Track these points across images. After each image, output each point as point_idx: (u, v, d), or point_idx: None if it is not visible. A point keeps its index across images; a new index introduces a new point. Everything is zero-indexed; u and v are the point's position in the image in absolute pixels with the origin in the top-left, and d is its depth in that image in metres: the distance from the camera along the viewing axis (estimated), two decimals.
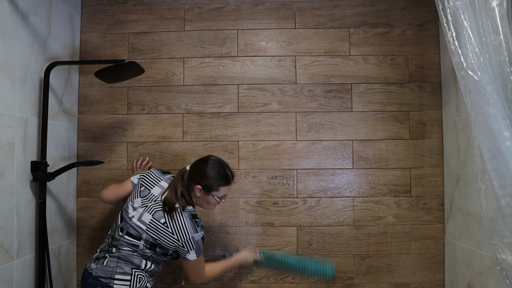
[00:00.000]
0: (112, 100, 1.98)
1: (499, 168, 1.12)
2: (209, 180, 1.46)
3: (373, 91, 1.94)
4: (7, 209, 1.39)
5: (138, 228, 1.43)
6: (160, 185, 1.52)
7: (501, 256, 1.19)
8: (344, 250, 1.91)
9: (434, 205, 1.90)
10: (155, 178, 1.55)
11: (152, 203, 1.46)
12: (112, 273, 1.40)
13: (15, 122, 1.44)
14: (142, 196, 1.49)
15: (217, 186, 1.48)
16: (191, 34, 1.99)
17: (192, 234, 1.42)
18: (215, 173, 1.47)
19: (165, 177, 1.56)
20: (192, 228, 1.43)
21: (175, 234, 1.41)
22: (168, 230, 1.41)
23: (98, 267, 1.42)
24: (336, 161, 1.93)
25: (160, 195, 1.49)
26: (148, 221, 1.43)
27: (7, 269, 1.38)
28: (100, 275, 1.40)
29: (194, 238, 1.42)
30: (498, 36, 1.17)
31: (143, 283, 1.44)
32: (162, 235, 1.42)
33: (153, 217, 1.43)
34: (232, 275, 1.90)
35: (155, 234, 1.42)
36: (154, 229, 1.42)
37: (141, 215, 1.44)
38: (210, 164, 1.49)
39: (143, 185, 1.53)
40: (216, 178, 1.47)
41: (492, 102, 1.12)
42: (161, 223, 1.42)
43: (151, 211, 1.44)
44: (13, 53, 1.44)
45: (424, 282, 1.89)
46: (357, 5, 1.97)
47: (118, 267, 1.41)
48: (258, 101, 1.96)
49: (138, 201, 1.48)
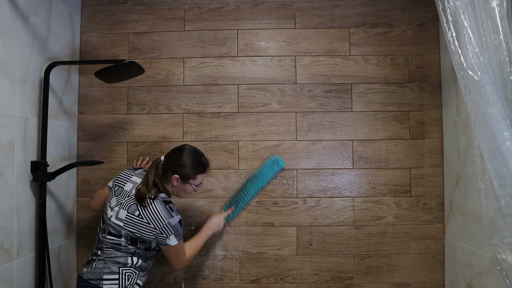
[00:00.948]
0: (112, 100, 1.98)
1: (499, 168, 1.12)
2: (186, 169, 1.48)
3: (373, 91, 1.94)
4: (7, 209, 1.39)
5: (116, 226, 1.45)
6: (132, 180, 1.54)
7: (501, 256, 1.19)
8: (344, 250, 1.91)
9: (434, 205, 1.90)
10: (127, 175, 1.57)
11: (126, 199, 1.48)
12: (100, 274, 1.42)
13: (15, 122, 1.44)
14: (117, 195, 1.52)
15: (194, 174, 1.50)
16: (191, 34, 1.98)
17: (168, 220, 1.43)
18: (191, 161, 1.49)
19: (136, 172, 1.58)
20: (167, 214, 1.43)
21: (151, 223, 1.42)
22: (143, 221, 1.42)
23: (88, 270, 1.45)
24: (336, 161, 1.93)
25: (132, 189, 1.50)
26: (124, 217, 1.45)
27: (7, 269, 1.38)
28: (90, 277, 1.43)
29: (170, 223, 1.43)
30: (498, 36, 1.17)
31: (132, 280, 1.45)
32: (139, 227, 1.43)
33: (128, 211, 1.45)
34: (232, 275, 1.90)
35: (133, 227, 1.43)
36: (130, 223, 1.44)
37: (118, 213, 1.46)
38: (186, 153, 1.50)
39: (117, 185, 1.55)
40: (192, 166, 1.49)
41: (492, 102, 1.12)
42: (136, 216, 1.43)
43: (126, 206, 1.46)
44: (13, 53, 1.44)
45: (424, 282, 1.89)
46: (357, 5, 1.97)
47: (105, 267, 1.43)
48: (258, 101, 1.96)
49: (114, 201, 1.51)
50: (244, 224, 1.92)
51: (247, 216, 1.92)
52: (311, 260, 1.91)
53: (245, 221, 1.92)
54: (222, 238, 1.92)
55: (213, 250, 1.92)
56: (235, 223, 1.91)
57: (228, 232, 1.92)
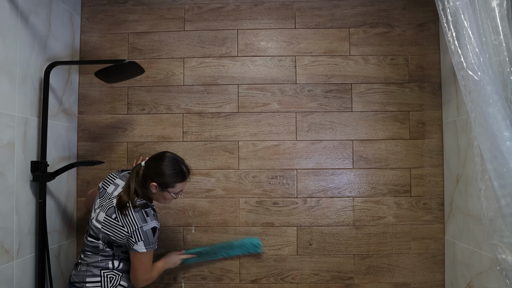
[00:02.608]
0: (112, 100, 1.98)
1: (499, 168, 1.12)
2: (165, 178, 1.45)
3: (373, 91, 1.94)
4: (7, 209, 1.39)
5: (95, 229, 1.46)
6: (114, 183, 1.54)
7: (501, 256, 1.19)
8: (344, 250, 1.91)
9: (434, 205, 1.90)
10: (111, 177, 1.57)
11: (107, 201, 1.48)
12: (83, 277, 1.44)
13: (15, 122, 1.44)
14: (100, 196, 1.52)
15: (173, 183, 1.47)
16: (191, 34, 1.98)
17: (140, 224, 1.40)
18: (170, 170, 1.45)
19: (120, 175, 1.57)
20: (140, 218, 1.41)
21: (125, 226, 1.41)
22: (118, 224, 1.41)
23: (75, 273, 1.48)
24: (336, 161, 1.93)
25: (113, 192, 1.50)
26: (102, 219, 1.45)
27: (7, 269, 1.38)
28: (75, 280, 1.45)
29: (142, 228, 1.40)
30: (498, 36, 1.17)
31: (115, 282, 1.46)
32: (114, 230, 1.42)
33: (106, 214, 1.44)
34: (232, 275, 1.90)
35: (109, 230, 1.43)
36: (107, 225, 1.43)
37: (98, 215, 1.47)
38: (165, 161, 1.47)
39: (103, 186, 1.55)
40: (171, 175, 1.45)
41: (492, 102, 1.12)
42: (113, 219, 1.43)
43: (105, 209, 1.46)
44: (13, 53, 1.44)
45: (424, 282, 1.89)
46: (357, 5, 1.97)
47: (88, 271, 1.45)
48: (258, 101, 1.96)
49: (97, 203, 1.51)
50: (244, 224, 1.92)
51: (247, 216, 1.92)
52: (311, 260, 1.91)
53: (245, 221, 1.92)
54: (222, 238, 1.91)
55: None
56: (235, 223, 1.91)
57: (228, 232, 1.92)
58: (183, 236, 1.92)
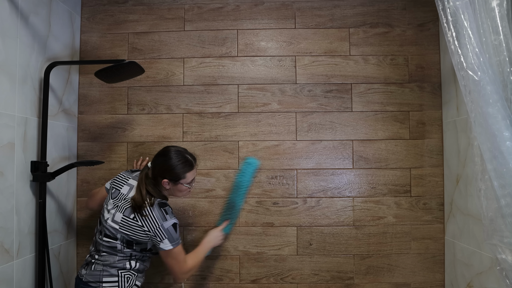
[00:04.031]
0: (112, 100, 1.98)
1: (499, 168, 1.12)
2: (174, 171, 1.47)
3: (373, 91, 1.94)
4: (7, 209, 1.39)
5: (112, 229, 1.46)
6: (128, 183, 1.55)
7: (501, 256, 1.19)
8: (344, 250, 1.91)
9: (434, 205, 1.90)
10: (124, 178, 1.58)
11: (123, 202, 1.49)
12: (100, 276, 1.43)
13: (15, 122, 1.44)
14: (114, 197, 1.52)
15: (183, 174, 1.48)
16: (191, 34, 1.98)
17: (160, 222, 1.43)
18: (177, 162, 1.47)
19: (133, 175, 1.59)
20: (160, 217, 1.44)
21: (145, 226, 1.43)
22: (138, 223, 1.43)
23: (88, 272, 1.46)
24: (336, 161, 1.93)
25: (128, 192, 1.51)
26: (120, 220, 1.46)
27: (7, 269, 1.38)
28: (90, 280, 1.44)
29: (163, 226, 1.43)
30: (498, 36, 1.17)
31: (132, 282, 1.46)
32: (133, 230, 1.44)
33: (124, 214, 1.46)
34: (232, 275, 1.90)
35: (128, 230, 1.44)
36: (126, 226, 1.44)
37: (114, 216, 1.47)
38: (169, 156, 1.49)
39: (114, 187, 1.56)
40: (179, 167, 1.47)
41: (492, 102, 1.12)
42: (131, 219, 1.44)
43: (122, 209, 1.47)
44: (13, 53, 1.44)
45: (424, 282, 1.89)
46: (357, 5, 1.97)
47: (104, 270, 1.44)
48: (258, 101, 1.96)
49: (110, 203, 1.52)
50: (244, 224, 1.92)
51: (247, 216, 1.92)
52: (311, 260, 1.91)
53: (245, 221, 1.92)
54: None
55: (213, 250, 1.92)
56: (235, 223, 1.91)
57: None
58: (183, 236, 1.92)
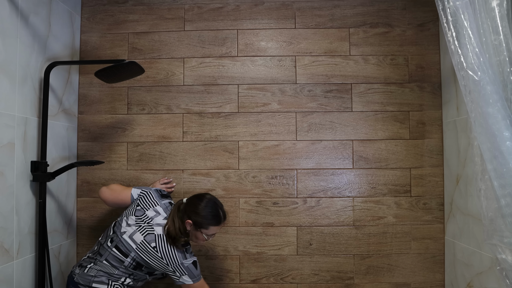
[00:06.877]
0: (112, 100, 1.98)
1: (499, 168, 1.12)
2: (200, 218, 1.48)
3: (373, 91, 1.94)
4: (7, 209, 1.39)
5: (127, 245, 1.46)
6: (155, 209, 1.54)
7: (501, 256, 1.19)
8: (344, 250, 1.91)
9: (434, 205, 1.90)
10: (153, 201, 1.57)
11: (146, 225, 1.49)
12: (90, 281, 1.44)
13: (15, 122, 1.44)
14: (137, 215, 1.52)
15: (207, 225, 1.49)
16: (191, 34, 1.98)
17: (181, 260, 1.45)
18: (207, 212, 1.49)
19: (162, 202, 1.58)
20: (181, 255, 1.46)
21: (164, 259, 1.45)
22: (158, 254, 1.45)
23: (80, 273, 1.47)
24: (336, 161, 1.93)
25: (154, 217, 1.51)
26: (139, 241, 1.46)
27: (7, 269, 1.38)
28: (80, 282, 1.45)
29: (183, 264, 1.45)
30: (498, 36, 1.17)
31: None
32: (151, 258, 1.45)
33: (145, 239, 1.46)
34: (232, 275, 1.90)
35: (145, 255, 1.45)
36: (144, 251, 1.45)
37: (133, 234, 1.48)
38: (204, 202, 1.50)
39: (140, 204, 1.55)
40: (207, 217, 1.48)
41: (492, 102, 1.12)
42: (152, 247, 1.45)
43: (144, 232, 1.47)
44: (13, 53, 1.44)
45: (424, 282, 1.89)
46: (357, 5, 1.97)
47: (96, 276, 1.45)
48: (258, 101, 1.96)
49: (132, 219, 1.51)
50: (244, 224, 1.92)
51: (247, 216, 1.92)
52: (311, 260, 1.91)
53: (245, 221, 1.92)
54: (222, 238, 1.91)
55: (213, 250, 1.92)
56: (234, 223, 1.91)
57: (227, 232, 1.92)
58: None
